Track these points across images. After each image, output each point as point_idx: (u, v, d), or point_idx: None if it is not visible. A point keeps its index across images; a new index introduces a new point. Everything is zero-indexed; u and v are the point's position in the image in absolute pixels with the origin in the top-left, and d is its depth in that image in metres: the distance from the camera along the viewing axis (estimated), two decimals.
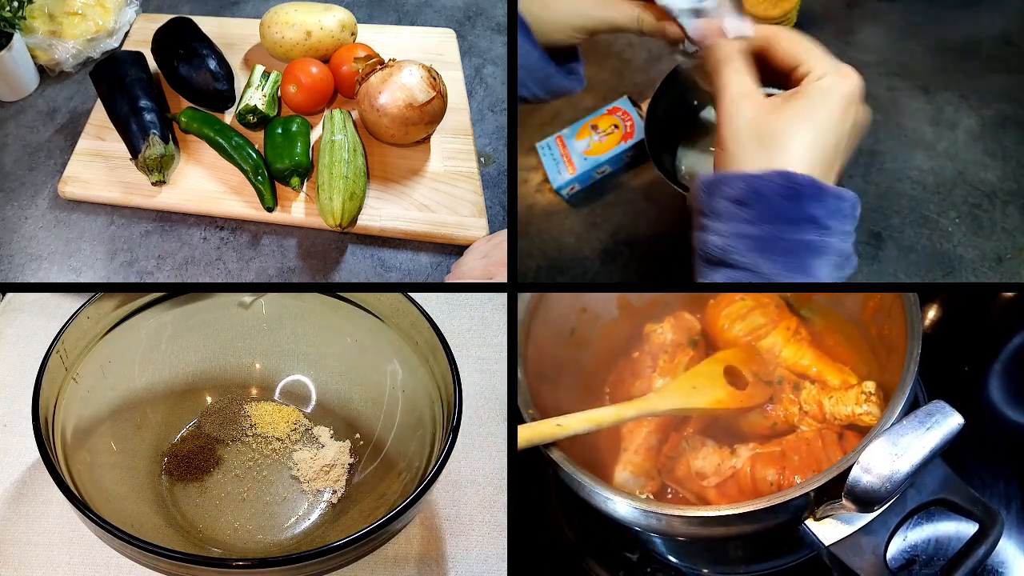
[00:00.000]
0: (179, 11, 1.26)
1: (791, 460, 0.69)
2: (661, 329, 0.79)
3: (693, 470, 0.72)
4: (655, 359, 0.78)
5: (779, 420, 0.73)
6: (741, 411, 0.73)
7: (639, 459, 0.74)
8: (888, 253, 0.88)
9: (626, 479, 0.73)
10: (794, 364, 0.75)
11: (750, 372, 0.74)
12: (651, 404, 0.71)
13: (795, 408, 0.73)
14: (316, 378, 0.90)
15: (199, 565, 0.66)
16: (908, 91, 0.98)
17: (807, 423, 0.72)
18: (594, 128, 1.02)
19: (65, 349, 0.77)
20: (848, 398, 0.70)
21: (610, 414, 0.70)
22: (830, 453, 0.69)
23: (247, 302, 0.89)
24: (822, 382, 0.73)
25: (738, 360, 0.74)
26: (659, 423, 0.75)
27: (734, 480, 0.70)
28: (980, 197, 0.89)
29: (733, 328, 0.77)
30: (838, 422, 0.70)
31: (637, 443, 0.74)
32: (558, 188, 1.01)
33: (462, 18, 1.30)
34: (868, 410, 0.69)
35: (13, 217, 1.04)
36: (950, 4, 1.04)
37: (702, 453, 0.72)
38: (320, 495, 0.83)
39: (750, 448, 0.71)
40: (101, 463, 0.78)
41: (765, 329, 0.76)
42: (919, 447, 0.56)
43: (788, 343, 0.75)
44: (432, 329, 0.79)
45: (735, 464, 0.70)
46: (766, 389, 0.73)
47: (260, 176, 1.01)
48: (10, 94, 1.16)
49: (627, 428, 0.75)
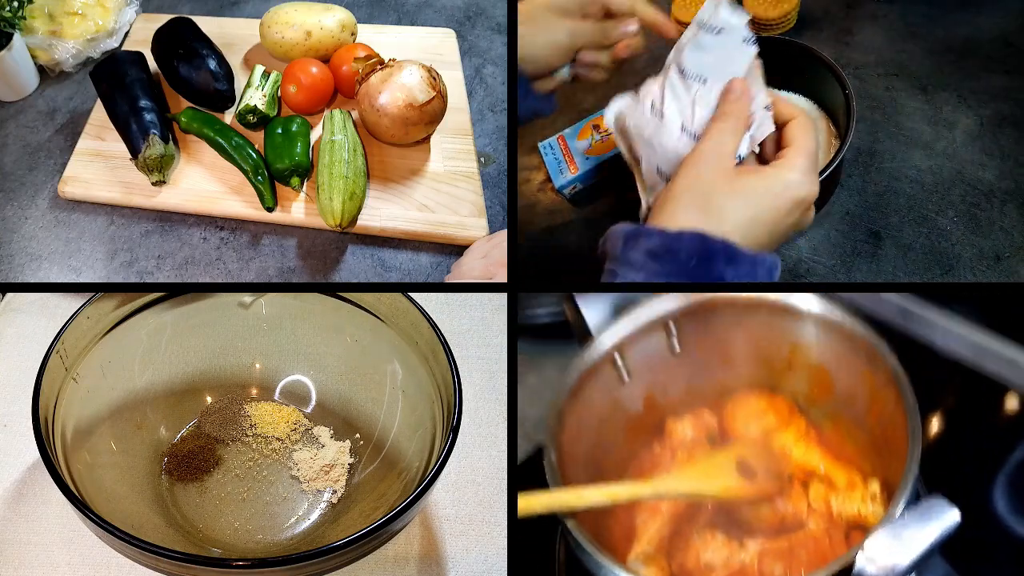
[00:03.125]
0: (179, 11, 1.26)
1: (799, 556, 0.71)
2: (682, 426, 0.81)
3: (702, 562, 0.73)
4: (675, 453, 0.81)
5: (788, 515, 0.75)
6: (750, 501, 0.75)
7: (651, 549, 0.75)
8: (886, 252, 0.88)
9: (638, 568, 0.74)
10: (803, 462, 0.77)
11: (760, 465, 0.76)
12: (665, 485, 0.74)
13: (803, 504, 0.75)
14: (316, 378, 0.90)
15: (199, 565, 0.66)
16: (907, 91, 0.98)
17: (815, 520, 0.74)
18: (596, 128, 1.02)
19: (65, 349, 0.77)
20: (854, 498, 0.73)
21: (625, 491, 0.73)
22: (837, 551, 0.71)
23: (247, 302, 0.89)
24: (830, 480, 0.76)
25: (749, 453, 0.77)
26: (672, 514, 0.77)
27: (741, 574, 0.72)
28: (978, 196, 0.89)
29: (747, 427, 0.80)
30: (844, 521, 0.73)
31: (650, 533, 0.76)
32: (560, 188, 1.01)
33: (462, 18, 1.30)
34: (873, 510, 0.71)
35: (13, 217, 1.04)
36: (949, 5, 1.04)
37: (712, 546, 0.73)
38: (320, 495, 0.84)
39: (759, 543, 0.73)
40: (101, 463, 0.78)
41: (777, 429, 0.79)
42: (920, 540, 0.59)
43: (798, 442, 0.78)
44: (432, 329, 0.79)
45: (743, 558, 0.72)
46: (775, 482, 0.76)
47: (260, 176, 1.01)
48: (10, 94, 1.17)
49: (640, 519, 0.77)
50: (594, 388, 0.78)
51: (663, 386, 0.82)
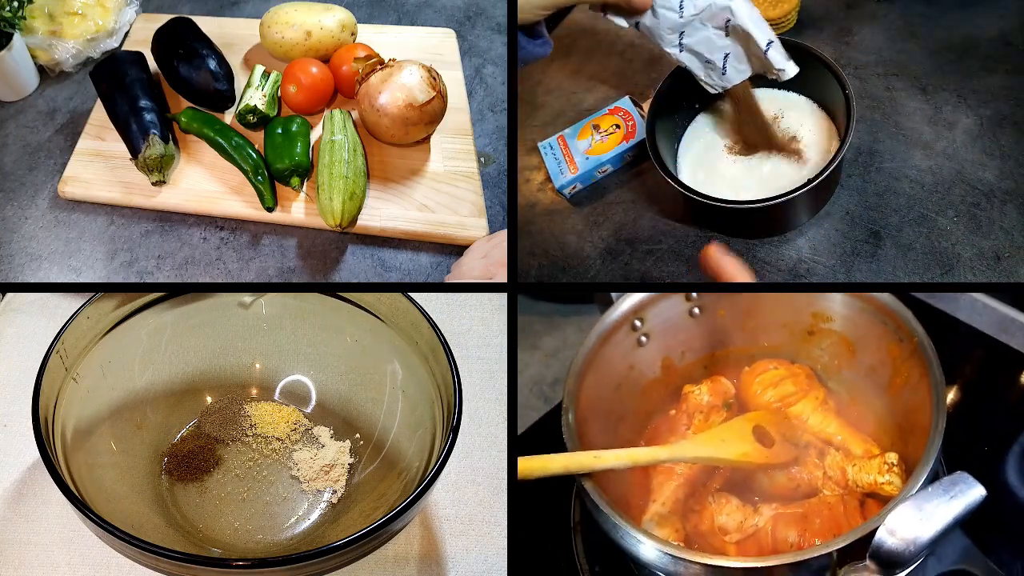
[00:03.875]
0: (179, 11, 1.26)
1: (812, 523, 0.72)
2: (699, 390, 0.82)
3: (716, 525, 0.74)
4: (691, 418, 0.82)
5: (803, 482, 0.75)
6: (766, 467, 0.75)
7: (666, 511, 0.76)
8: (886, 252, 0.88)
9: (653, 529, 0.75)
10: (820, 431, 0.78)
11: (778, 433, 0.77)
12: (683, 449, 0.75)
13: (819, 472, 0.75)
14: (316, 378, 0.90)
15: (199, 565, 0.66)
16: (906, 91, 0.98)
17: (830, 488, 0.75)
18: (596, 128, 1.02)
19: (65, 349, 0.77)
20: (871, 467, 0.73)
21: (645, 454, 0.74)
22: (851, 519, 0.71)
23: (247, 302, 0.89)
24: (846, 450, 0.76)
25: (767, 421, 0.77)
26: (688, 477, 0.77)
27: (755, 538, 0.72)
28: (978, 196, 0.89)
29: (765, 394, 0.80)
30: (859, 489, 0.73)
31: (666, 495, 0.77)
32: (560, 187, 1.01)
33: (462, 18, 1.30)
34: (890, 480, 0.71)
35: (13, 217, 1.04)
36: (948, 4, 1.04)
37: (726, 509, 0.74)
38: (320, 495, 0.84)
39: (773, 508, 0.73)
40: (101, 463, 0.78)
41: (795, 397, 0.80)
42: (943, 513, 0.59)
43: (816, 411, 0.79)
44: (432, 329, 0.79)
45: (757, 522, 0.73)
46: (792, 450, 0.76)
47: (260, 176, 1.01)
48: (10, 94, 1.17)
49: (656, 480, 0.78)
50: (613, 351, 0.79)
51: (681, 350, 0.82)
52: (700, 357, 0.84)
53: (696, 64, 0.89)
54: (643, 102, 1.02)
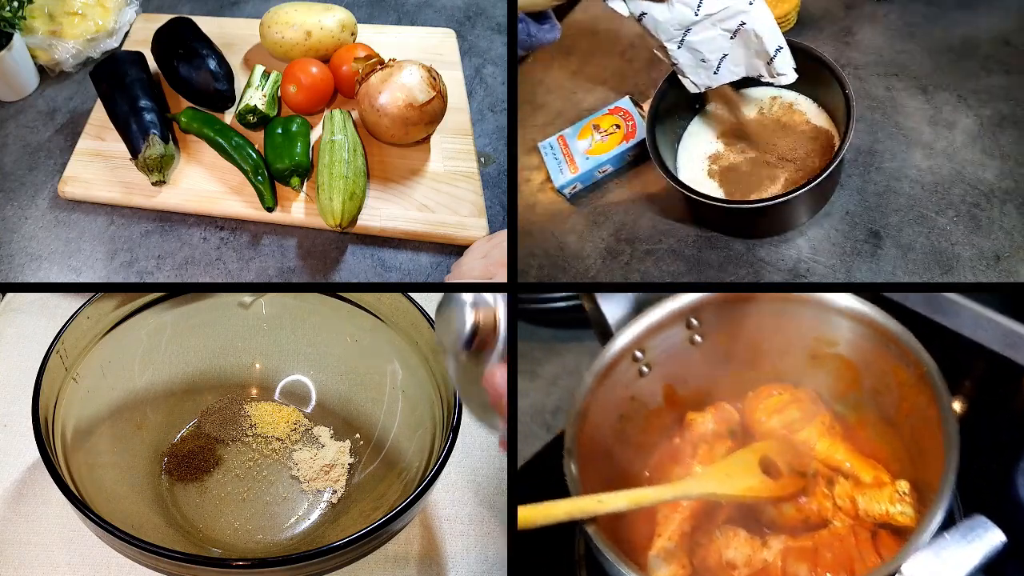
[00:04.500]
0: (179, 11, 1.26)
1: (823, 556, 0.69)
2: (703, 418, 0.81)
3: (724, 559, 0.72)
4: (695, 447, 0.80)
5: (812, 513, 0.74)
6: (774, 500, 0.74)
7: (672, 545, 0.74)
8: (886, 252, 0.88)
9: (659, 565, 0.73)
10: (828, 458, 0.76)
11: (784, 463, 0.75)
12: (687, 488, 0.74)
13: (828, 503, 0.73)
14: (316, 378, 0.90)
15: (199, 565, 0.66)
16: (906, 91, 0.98)
17: (840, 519, 0.72)
18: (596, 128, 1.02)
19: (65, 349, 0.77)
20: (882, 496, 0.71)
21: (649, 495, 0.72)
22: (863, 552, 0.69)
23: (247, 302, 0.89)
24: (855, 478, 0.74)
25: (773, 451, 0.76)
26: (693, 511, 0.76)
27: (764, 573, 0.70)
28: (978, 196, 0.89)
29: (771, 421, 0.79)
30: (871, 519, 0.71)
31: (671, 529, 0.75)
32: (560, 187, 1.01)
33: (462, 18, 1.30)
34: (902, 510, 0.69)
35: (13, 217, 1.04)
36: (948, 5, 1.04)
37: (734, 543, 0.72)
38: (320, 495, 0.84)
39: (782, 540, 0.71)
40: (101, 463, 0.79)
41: (800, 423, 0.78)
42: (962, 562, 0.58)
43: (823, 436, 0.77)
44: (432, 329, 0.79)
45: (766, 556, 0.71)
46: (799, 480, 0.74)
47: (260, 176, 1.01)
48: (10, 94, 1.16)
49: (662, 514, 0.76)
50: (614, 383, 0.78)
51: (683, 378, 0.81)
52: (702, 384, 0.82)
53: (689, 61, 0.88)
54: (643, 102, 1.02)
